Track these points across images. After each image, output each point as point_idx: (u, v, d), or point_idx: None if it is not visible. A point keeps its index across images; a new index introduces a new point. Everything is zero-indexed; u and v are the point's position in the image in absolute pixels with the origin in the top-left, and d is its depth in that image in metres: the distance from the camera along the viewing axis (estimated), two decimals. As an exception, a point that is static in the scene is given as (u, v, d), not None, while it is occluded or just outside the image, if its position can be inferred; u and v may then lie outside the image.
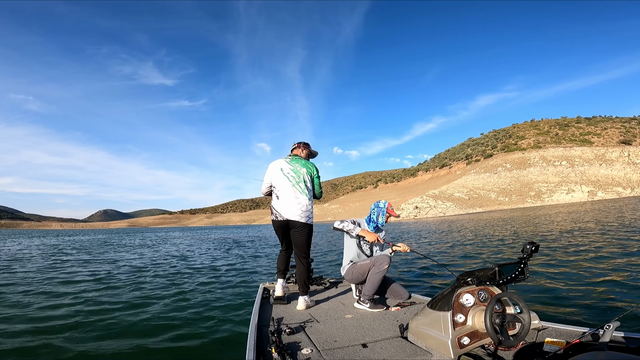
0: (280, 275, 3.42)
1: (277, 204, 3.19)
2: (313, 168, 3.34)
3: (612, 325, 1.59)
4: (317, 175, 3.36)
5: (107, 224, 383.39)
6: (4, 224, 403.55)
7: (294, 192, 3.17)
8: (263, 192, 3.42)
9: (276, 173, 3.26)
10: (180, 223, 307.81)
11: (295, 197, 3.15)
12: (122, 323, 4.19)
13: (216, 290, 6.09)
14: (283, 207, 3.16)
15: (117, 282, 7.11)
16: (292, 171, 3.23)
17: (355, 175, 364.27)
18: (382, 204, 3.36)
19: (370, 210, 3.42)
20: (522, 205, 65.80)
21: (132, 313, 4.66)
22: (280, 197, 3.19)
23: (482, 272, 1.99)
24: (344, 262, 3.36)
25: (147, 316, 4.50)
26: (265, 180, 3.37)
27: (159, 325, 4.07)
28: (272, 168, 3.32)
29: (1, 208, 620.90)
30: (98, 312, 4.76)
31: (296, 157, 3.37)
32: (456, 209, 63.28)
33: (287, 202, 3.15)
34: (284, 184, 3.20)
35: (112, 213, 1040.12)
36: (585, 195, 66.89)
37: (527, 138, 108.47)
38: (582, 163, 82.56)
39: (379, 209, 3.34)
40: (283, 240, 3.39)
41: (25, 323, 4.30)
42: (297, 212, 3.14)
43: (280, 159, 3.36)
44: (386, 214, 3.32)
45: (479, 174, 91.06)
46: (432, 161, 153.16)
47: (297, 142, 3.52)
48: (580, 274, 5.61)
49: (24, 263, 11.36)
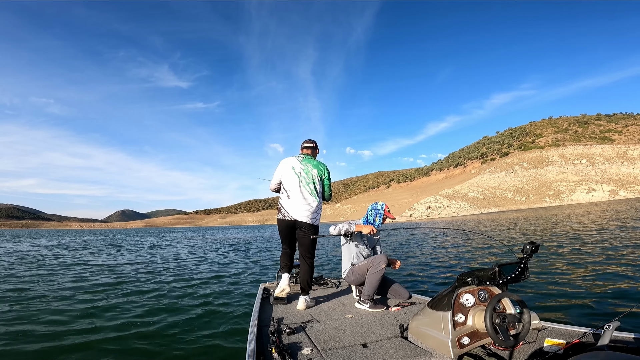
0: (285, 270, 3.31)
1: (287, 203, 3.16)
2: (324, 170, 3.32)
3: (612, 325, 1.58)
4: (327, 177, 3.34)
5: (125, 224, 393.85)
6: (25, 224, 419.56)
7: (303, 192, 3.15)
8: (272, 189, 3.39)
9: (287, 171, 3.22)
10: (194, 223, 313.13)
11: (304, 198, 3.14)
12: (120, 323, 4.14)
13: (216, 290, 6.09)
14: (292, 207, 3.13)
15: (116, 282, 7.12)
16: (304, 171, 3.20)
17: (368, 175, 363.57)
18: (379, 205, 3.38)
19: (367, 212, 3.43)
20: (540, 205, 64.27)
21: (132, 313, 4.61)
22: (291, 197, 3.16)
23: (482, 272, 1.97)
24: (343, 266, 3.39)
25: (147, 316, 4.45)
26: (275, 176, 3.33)
27: (159, 325, 4.04)
28: (284, 166, 3.27)
29: (24, 209, 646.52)
30: (98, 311, 4.74)
31: (308, 157, 3.34)
32: (470, 209, 62.28)
33: (297, 202, 3.13)
34: (295, 184, 3.17)
35: (130, 213, 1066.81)
36: (607, 195, 64.81)
37: (545, 136, 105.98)
38: (602, 161, 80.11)
39: (377, 211, 3.35)
40: (286, 240, 3.32)
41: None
42: (306, 213, 3.12)
43: (292, 157, 3.32)
44: (383, 215, 3.34)
45: (495, 173, 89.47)
46: (446, 160, 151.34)
47: (309, 139, 3.49)
48: (581, 274, 5.58)
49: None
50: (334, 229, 3.20)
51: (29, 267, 10.04)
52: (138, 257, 12.76)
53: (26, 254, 14.63)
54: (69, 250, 17.34)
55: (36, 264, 10.69)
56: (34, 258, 12.87)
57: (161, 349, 3.38)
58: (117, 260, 11.97)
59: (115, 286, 6.65)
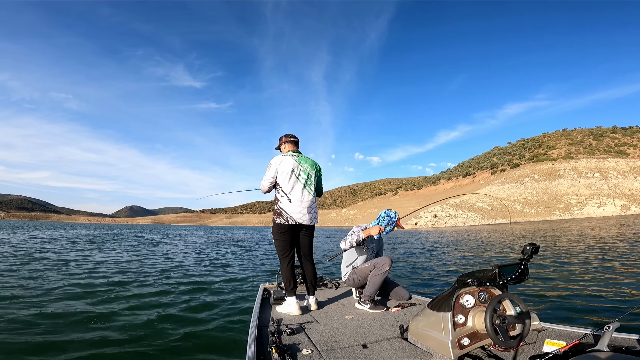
0: (292, 292, 2.96)
1: (289, 208, 2.99)
2: (319, 167, 3.26)
3: (612, 326, 1.59)
4: (321, 173, 3.29)
5: (132, 219, 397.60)
6: (34, 215, 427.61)
7: (304, 194, 3.05)
8: (265, 190, 3.12)
9: (286, 174, 3.02)
10: (200, 222, 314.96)
11: (307, 200, 3.05)
12: (119, 323, 4.11)
13: (216, 290, 6.09)
14: (295, 211, 2.99)
15: (114, 281, 7.08)
16: (303, 172, 3.08)
17: (375, 182, 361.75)
18: (393, 214, 3.36)
19: (379, 217, 3.39)
20: (549, 217, 63.23)
21: (131, 313, 4.57)
22: (293, 200, 3.01)
23: (482, 273, 1.98)
24: (343, 269, 3.38)
25: (147, 316, 4.43)
26: (269, 176, 3.07)
27: (159, 325, 4.03)
28: (281, 167, 3.05)
29: (34, 201, 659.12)
30: (96, 311, 4.67)
31: (303, 157, 3.19)
32: (477, 219, 61.52)
33: (299, 206, 3.01)
34: (296, 187, 3.03)
35: (138, 209, 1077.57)
36: (618, 209, 63.43)
37: (558, 148, 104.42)
38: (616, 175, 78.49)
39: (390, 218, 3.32)
40: (288, 247, 3.07)
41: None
42: (309, 215, 3.05)
43: (286, 157, 3.09)
44: (395, 224, 3.34)
45: (504, 184, 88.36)
46: (455, 170, 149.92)
47: (288, 134, 3.30)
48: (581, 275, 5.59)
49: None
50: (345, 244, 3.19)
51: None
52: (137, 254, 12.85)
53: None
54: (52, 243, 17.18)
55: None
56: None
57: (161, 349, 3.37)
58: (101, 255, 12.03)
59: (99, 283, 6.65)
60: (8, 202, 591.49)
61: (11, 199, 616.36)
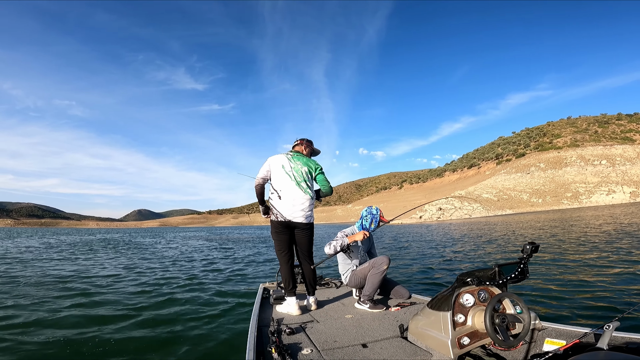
0: (292, 293, 2.98)
1: (279, 204, 3.03)
2: (314, 165, 3.20)
3: (612, 325, 1.58)
4: (320, 171, 3.22)
5: (140, 223, 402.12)
6: (44, 222, 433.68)
7: (295, 191, 3.02)
8: (257, 184, 3.15)
9: (277, 170, 3.07)
10: (207, 223, 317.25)
11: (297, 197, 3.02)
12: (119, 323, 4.14)
13: (216, 290, 6.10)
14: (285, 208, 3.01)
15: (115, 281, 7.17)
16: (294, 169, 3.07)
17: (380, 176, 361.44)
18: (374, 210, 3.41)
19: (361, 217, 3.43)
20: (557, 207, 62.66)
21: (130, 313, 4.60)
22: (283, 197, 3.02)
23: (482, 272, 1.97)
24: (341, 271, 3.39)
25: (146, 316, 4.45)
26: (262, 172, 3.13)
27: (159, 326, 4.06)
28: (273, 164, 3.11)
29: (44, 208, 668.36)
30: (96, 311, 4.75)
31: (298, 155, 3.19)
32: (483, 211, 61.07)
33: (290, 202, 3.01)
34: (286, 183, 3.04)
35: (146, 213, 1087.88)
36: (627, 197, 62.67)
37: (564, 136, 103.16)
38: (623, 162, 77.44)
39: (373, 216, 3.38)
40: (285, 244, 3.09)
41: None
42: (300, 212, 3.02)
43: (281, 155, 3.16)
44: (378, 220, 3.38)
45: (510, 174, 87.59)
46: (460, 161, 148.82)
47: (300, 138, 3.33)
48: (581, 275, 5.55)
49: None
50: (329, 249, 3.18)
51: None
52: (136, 257, 12.96)
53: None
54: (50, 248, 17.36)
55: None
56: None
57: (161, 349, 3.39)
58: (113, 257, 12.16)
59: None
60: (18, 210, 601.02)
61: (21, 207, 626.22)
